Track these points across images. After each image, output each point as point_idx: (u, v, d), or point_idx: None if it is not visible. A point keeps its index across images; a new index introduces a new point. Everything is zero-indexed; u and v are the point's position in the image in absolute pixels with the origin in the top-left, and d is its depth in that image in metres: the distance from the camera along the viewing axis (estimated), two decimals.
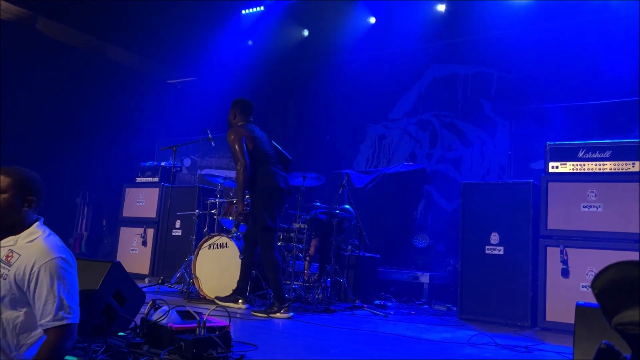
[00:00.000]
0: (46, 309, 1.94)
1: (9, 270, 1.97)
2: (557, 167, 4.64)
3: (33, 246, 2.01)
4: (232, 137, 4.58)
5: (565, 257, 4.43)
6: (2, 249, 2.02)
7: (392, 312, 5.01)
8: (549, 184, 4.62)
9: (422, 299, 5.82)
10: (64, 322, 1.95)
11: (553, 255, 4.50)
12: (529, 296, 4.54)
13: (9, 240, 2.05)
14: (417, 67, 8.06)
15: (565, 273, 4.43)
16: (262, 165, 4.61)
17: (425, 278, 5.94)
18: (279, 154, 4.93)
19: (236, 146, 4.51)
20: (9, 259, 1.99)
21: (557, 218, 4.53)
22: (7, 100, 7.33)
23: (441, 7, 7.52)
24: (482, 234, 4.85)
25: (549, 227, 4.56)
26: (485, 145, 7.33)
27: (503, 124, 7.18)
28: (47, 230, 2.11)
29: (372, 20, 8.08)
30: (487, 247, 4.82)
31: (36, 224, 2.12)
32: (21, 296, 1.98)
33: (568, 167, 4.59)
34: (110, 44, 9.02)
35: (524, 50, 6.99)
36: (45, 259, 1.98)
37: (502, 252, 4.75)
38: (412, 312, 5.15)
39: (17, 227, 2.08)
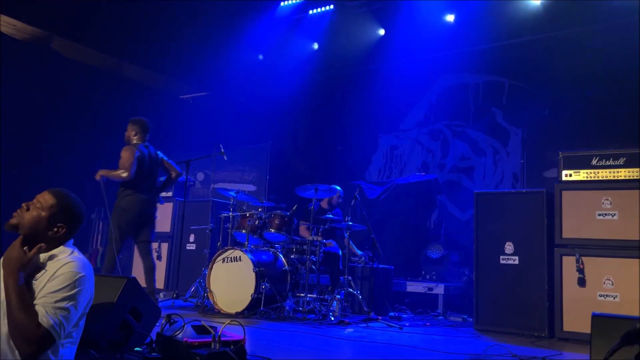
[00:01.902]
0: (45, 305, 1.95)
1: (36, 285, 2.02)
2: (570, 176, 4.61)
3: (58, 263, 2.06)
4: (129, 152, 5.06)
5: (582, 266, 4.38)
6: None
7: (407, 324, 4.99)
8: (563, 192, 4.59)
9: (437, 310, 5.78)
10: (48, 327, 1.92)
11: (569, 264, 4.46)
12: (545, 306, 4.49)
13: (38, 258, 2.10)
14: (427, 77, 8.07)
15: (581, 282, 4.38)
16: (134, 188, 5.06)
17: (439, 289, 5.90)
18: (165, 170, 5.42)
19: (128, 161, 4.99)
20: (36, 274, 2.05)
21: (572, 227, 4.49)
22: (24, 120, 7.47)
23: (450, 17, 7.54)
24: (496, 243, 4.82)
25: (563, 236, 4.52)
26: (497, 154, 7.30)
27: (515, 132, 7.15)
28: (75, 250, 2.16)
29: (382, 32, 8.13)
30: (501, 257, 4.79)
31: (65, 244, 2.17)
32: None
33: (582, 175, 4.56)
34: (125, 61, 9.18)
35: (534, 58, 6.98)
36: (67, 270, 2.03)
37: (517, 262, 4.71)
38: (428, 324, 5.12)
39: (47, 246, 2.12)
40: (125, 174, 4.97)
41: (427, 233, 7.06)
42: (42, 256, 2.10)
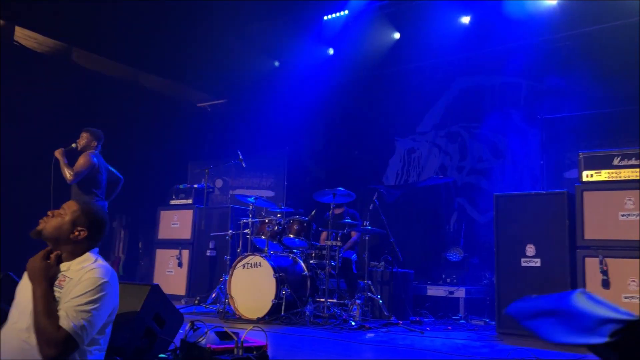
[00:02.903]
0: (68, 309, 1.99)
1: (60, 293, 2.06)
2: (591, 176, 4.55)
3: (83, 271, 2.11)
4: (86, 159, 5.23)
5: (605, 268, 4.32)
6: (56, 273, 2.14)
7: (428, 328, 4.96)
8: (584, 193, 4.53)
9: (459, 314, 5.74)
10: (69, 331, 1.96)
11: (592, 266, 4.40)
12: None
13: (63, 266, 2.17)
14: (443, 79, 8.04)
15: (605, 284, 4.32)
16: (93, 194, 5.28)
17: (460, 292, 5.86)
18: (110, 179, 5.61)
19: (82, 168, 5.18)
20: (61, 282, 2.10)
21: (595, 228, 4.44)
22: (44, 131, 7.61)
23: (465, 19, 7.52)
24: (517, 246, 4.77)
25: (586, 237, 4.46)
26: (516, 155, 7.23)
27: (534, 133, 7.08)
28: (100, 258, 2.21)
29: (397, 35, 8.13)
30: (522, 260, 4.74)
31: (89, 252, 2.23)
32: None
33: (603, 175, 4.51)
34: (143, 71, 9.32)
35: (551, 58, 6.91)
36: (91, 276, 2.08)
37: (538, 264, 4.66)
38: (449, 328, 5.08)
39: (71, 253, 2.19)
40: (70, 177, 5.18)
41: (446, 236, 7.02)
42: (67, 264, 2.16)
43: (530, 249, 4.72)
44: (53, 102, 7.74)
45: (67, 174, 5.20)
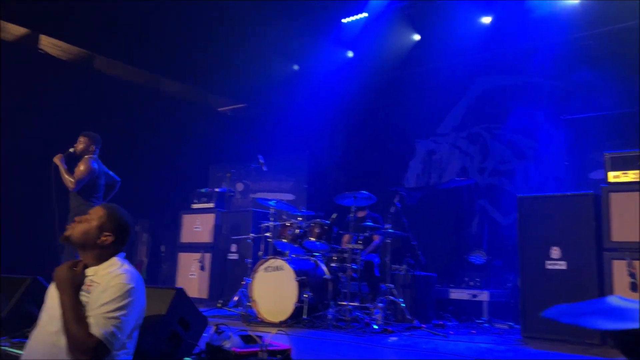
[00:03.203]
0: (97, 317, 2.02)
1: (88, 298, 2.10)
2: (618, 177, 4.46)
3: (109, 276, 2.14)
4: (86, 166, 5.25)
5: (633, 270, 4.23)
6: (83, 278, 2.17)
7: (451, 332, 4.91)
8: (611, 194, 4.45)
9: (482, 318, 5.67)
10: (100, 338, 1.98)
11: (619, 268, 4.31)
12: None
13: (90, 271, 2.20)
14: (464, 80, 7.98)
15: (634, 287, 4.22)
16: (94, 197, 5.31)
17: (484, 296, 5.80)
18: (108, 182, 5.62)
19: (83, 174, 5.20)
20: (89, 287, 2.13)
21: (622, 230, 4.34)
22: (69, 137, 7.74)
23: (486, 19, 7.46)
24: (541, 248, 4.70)
25: (613, 239, 4.37)
26: (539, 156, 7.13)
27: (557, 134, 6.97)
28: (126, 263, 2.24)
29: (417, 37, 8.10)
30: (547, 262, 4.66)
31: (115, 257, 2.26)
32: None
33: (630, 176, 4.41)
34: (165, 77, 9.43)
35: (575, 57, 6.80)
36: (118, 282, 2.11)
37: (564, 267, 4.58)
38: (473, 332, 5.03)
39: (98, 257, 2.23)
40: (72, 185, 5.19)
41: (468, 239, 6.94)
42: (94, 269, 2.19)
43: (556, 252, 4.65)
44: (76, 109, 7.88)
45: (69, 182, 5.20)
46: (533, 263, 4.73)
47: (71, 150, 5.33)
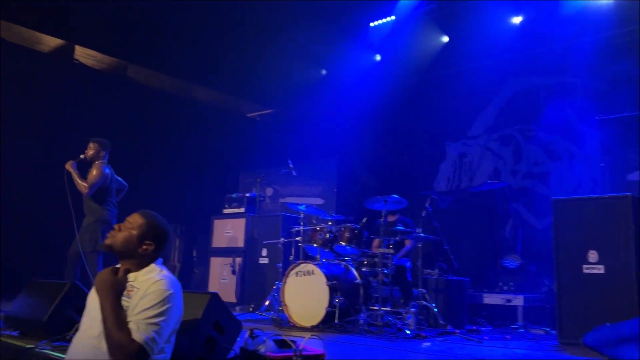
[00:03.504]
0: (138, 322, 2.07)
1: (128, 303, 2.15)
2: None
3: (149, 282, 2.20)
4: (99, 170, 5.34)
5: None
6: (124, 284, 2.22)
7: (486, 337, 4.83)
8: None
9: (517, 323, 5.56)
10: (142, 343, 2.03)
11: None
12: (636, 317, 4.21)
13: (130, 276, 2.25)
14: (495, 81, 7.87)
15: None
16: (108, 202, 5.43)
17: (518, 300, 5.69)
18: (117, 187, 5.68)
19: (95, 179, 5.29)
20: (129, 292, 2.19)
21: None
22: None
23: (516, 20, 7.35)
24: (578, 252, 4.58)
25: None
26: (574, 158, 6.98)
27: (592, 134, 6.81)
28: (165, 269, 2.29)
29: (445, 38, 8.04)
30: (584, 266, 4.54)
31: (154, 263, 2.32)
32: None
33: None
34: (195, 84, 9.59)
35: (609, 56, 6.64)
36: (157, 288, 2.15)
37: (602, 271, 4.46)
38: (508, 337, 4.94)
39: (138, 264, 2.28)
40: (86, 190, 5.26)
41: (502, 242, 6.83)
42: (134, 274, 2.24)
43: (593, 256, 4.53)
44: (110, 117, 8.06)
45: (82, 186, 5.27)
46: (569, 267, 4.62)
47: (82, 156, 5.42)
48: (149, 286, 2.15)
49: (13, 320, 3.78)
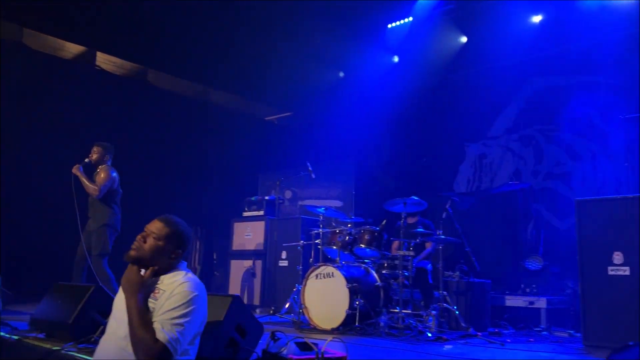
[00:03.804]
0: (163, 322, 2.09)
1: (154, 304, 2.18)
2: None
3: (175, 284, 2.23)
4: (107, 173, 5.47)
5: None
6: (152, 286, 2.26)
7: (508, 340, 4.78)
8: None
9: (541, 326, 5.49)
10: (165, 343, 2.06)
11: None
12: None
13: (156, 279, 2.29)
14: (514, 81, 7.80)
15: None
16: (115, 205, 5.54)
17: (541, 303, 5.61)
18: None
19: (104, 182, 5.41)
20: (155, 294, 2.22)
21: None
22: (124, 150, 8.02)
23: (536, 19, 7.27)
24: (602, 253, 4.50)
25: None
26: (597, 158, 6.86)
27: (616, 134, 6.69)
28: (189, 273, 2.32)
29: (464, 39, 7.99)
30: (609, 268, 4.46)
31: (180, 266, 2.36)
32: None
33: None
34: (214, 88, 9.66)
35: (632, 54, 6.53)
36: (182, 289, 2.18)
37: (628, 273, 4.37)
38: (531, 340, 4.87)
39: (164, 268, 2.32)
40: (96, 192, 5.36)
41: (524, 244, 6.74)
42: (161, 277, 2.27)
43: (618, 257, 4.45)
44: (130, 122, 8.17)
45: (92, 189, 5.37)
46: (594, 269, 4.54)
47: (86, 160, 5.50)
48: (174, 288, 2.18)
49: (39, 322, 3.84)
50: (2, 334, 3.80)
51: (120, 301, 2.25)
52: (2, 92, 7.10)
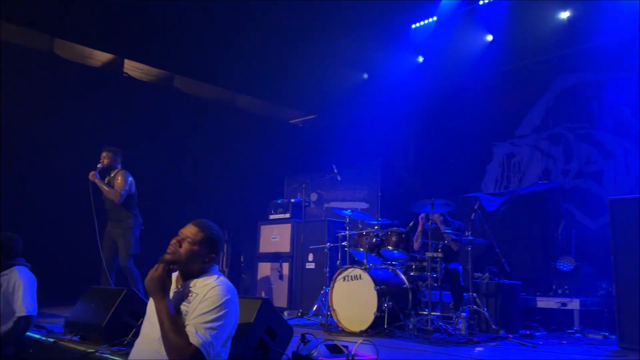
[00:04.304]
0: (196, 326, 2.12)
1: (188, 307, 2.21)
2: None
3: (207, 287, 2.25)
4: (124, 177, 5.57)
5: None
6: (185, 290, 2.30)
7: (541, 342, 4.69)
8: None
9: (574, 328, 5.37)
10: (198, 346, 2.08)
11: None
12: None
13: (189, 283, 2.32)
14: (542, 79, 7.67)
15: None
16: (135, 207, 5.66)
17: (574, 304, 5.49)
18: None
19: (123, 186, 5.52)
20: (189, 298, 2.25)
21: None
22: (153, 155, 8.15)
23: (564, 15, 7.15)
24: (637, 253, 4.38)
25: None
26: (629, 155, 6.69)
27: None
28: (221, 276, 2.35)
29: (489, 37, 7.89)
30: None
31: (212, 269, 2.38)
32: None
33: None
34: (239, 93, 9.76)
35: None
36: (215, 293, 2.20)
37: None
38: (564, 342, 4.77)
39: (198, 272, 2.35)
40: (117, 197, 5.46)
41: (555, 245, 6.60)
42: (194, 281, 2.30)
43: None
44: (158, 127, 8.30)
45: (113, 194, 5.47)
46: (629, 269, 4.42)
47: (99, 165, 5.59)
48: (207, 291, 2.20)
49: (73, 325, 3.93)
50: (38, 336, 3.90)
51: (153, 304, 2.28)
52: (35, 100, 7.31)
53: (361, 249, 5.55)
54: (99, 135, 7.76)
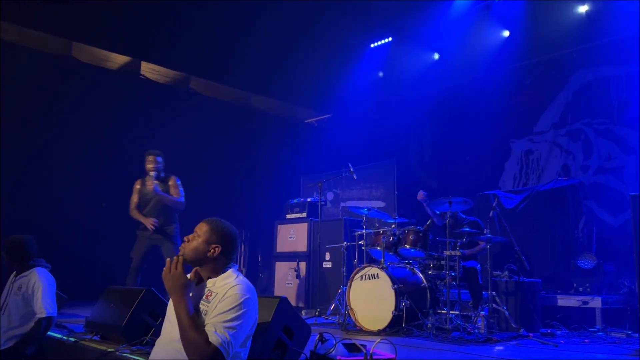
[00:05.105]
0: (215, 325, 2.13)
1: (207, 307, 2.22)
2: None
3: (226, 286, 2.26)
4: (176, 182, 5.72)
5: None
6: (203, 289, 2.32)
7: (562, 341, 4.62)
8: None
9: (596, 326, 5.28)
10: (217, 345, 2.09)
11: None
12: None
13: (209, 282, 2.34)
14: (560, 74, 7.56)
15: None
16: (175, 213, 5.76)
17: (596, 302, 5.40)
18: None
19: (182, 190, 5.71)
20: (208, 297, 2.27)
21: None
22: (176, 155, 8.20)
23: (582, 8, 7.04)
24: None
25: None
26: None
27: None
28: (240, 275, 2.35)
29: (506, 33, 7.81)
30: None
31: (231, 269, 2.38)
32: None
33: None
34: (255, 94, 9.79)
35: None
36: (234, 292, 2.21)
37: None
38: (586, 341, 4.69)
39: (214, 270, 2.35)
40: (183, 206, 5.66)
41: (575, 242, 6.50)
42: (213, 280, 2.31)
43: None
44: (174, 128, 8.36)
45: (178, 203, 5.61)
46: None
47: (151, 173, 5.61)
48: (226, 290, 2.21)
49: (93, 325, 3.98)
50: (59, 336, 3.95)
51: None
52: (54, 103, 7.42)
53: (378, 248, 5.53)
54: (117, 137, 7.86)
